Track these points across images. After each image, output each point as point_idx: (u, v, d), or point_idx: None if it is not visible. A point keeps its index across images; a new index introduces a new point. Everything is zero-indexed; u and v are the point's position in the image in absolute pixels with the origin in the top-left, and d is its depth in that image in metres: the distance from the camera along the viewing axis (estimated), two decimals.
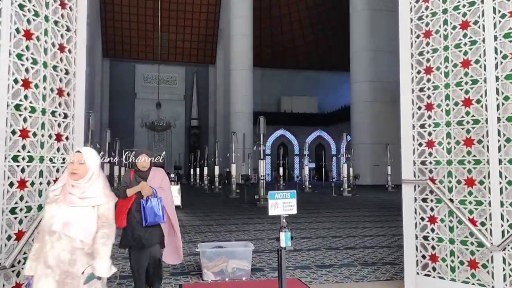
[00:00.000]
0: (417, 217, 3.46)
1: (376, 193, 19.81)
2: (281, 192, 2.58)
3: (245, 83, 38.23)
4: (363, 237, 6.46)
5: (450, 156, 3.27)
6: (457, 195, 3.23)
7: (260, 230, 7.28)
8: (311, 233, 6.81)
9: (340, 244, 5.83)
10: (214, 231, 7.12)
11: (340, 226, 7.69)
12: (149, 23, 45.08)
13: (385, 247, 5.60)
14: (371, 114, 32.63)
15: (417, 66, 3.52)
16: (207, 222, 8.34)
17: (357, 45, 33.72)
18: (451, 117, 3.29)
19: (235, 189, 17.10)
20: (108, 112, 46.01)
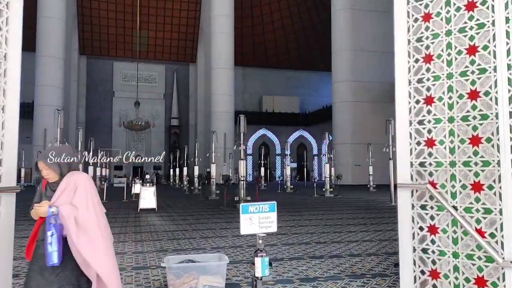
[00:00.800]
0: (414, 226, 3.02)
1: (358, 194, 19.56)
2: (256, 204, 2.08)
3: (226, 82, 37.65)
4: (348, 242, 6.03)
5: (454, 157, 2.84)
6: (462, 202, 2.81)
7: (239, 236, 6.78)
8: (293, 239, 6.35)
9: (324, 251, 5.38)
10: (189, 237, 6.59)
11: (324, 231, 7.26)
12: (128, 20, 44.04)
13: (373, 254, 5.18)
14: (352, 114, 32.52)
15: (415, 54, 3.07)
16: (182, 227, 7.80)
17: (338, 44, 33.56)
18: (455, 112, 2.86)
19: (215, 190, 16.59)
20: (84, 110, 44.80)
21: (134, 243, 5.99)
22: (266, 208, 2.05)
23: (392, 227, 7.75)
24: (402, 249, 3.08)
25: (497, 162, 2.65)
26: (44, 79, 33.28)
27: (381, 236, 6.61)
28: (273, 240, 6.24)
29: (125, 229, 7.57)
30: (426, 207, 2.97)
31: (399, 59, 3.16)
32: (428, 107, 2.99)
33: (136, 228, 7.66)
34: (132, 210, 11.38)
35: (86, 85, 45.28)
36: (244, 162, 12.31)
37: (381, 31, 33.40)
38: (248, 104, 47.23)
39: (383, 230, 7.34)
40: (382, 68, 33.23)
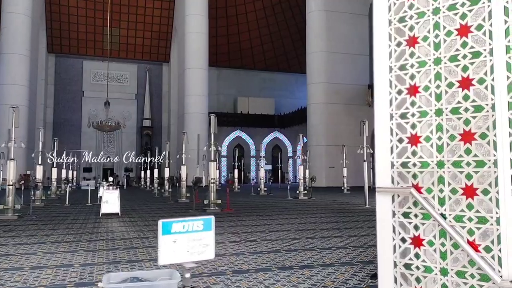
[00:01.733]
0: (396, 237, 2.58)
1: (332, 196, 19.30)
2: (185, 221, 1.53)
3: (200, 83, 37.01)
4: (321, 250, 5.59)
5: (442, 156, 2.42)
6: (452, 209, 2.38)
7: None
8: (262, 247, 5.86)
9: (295, 261, 4.91)
10: (148, 245, 6.01)
11: (296, 236, 6.81)
12: (99, 18, 42.76)
13: (347, 263, 4.75)
14: (327, 116, 32.43)
15: (397, 37, 2.64)
16: (143, 234, 7.20)
17: (313, 46, 33.43)
18: (443, 104, 2.44)
19: (185, 193, 15.98)
20: (52, 111, 43.21)
21: (84, 254, 5.37)
22: (199, 225, 1.47)
23: (366, 231, 7.38)
24: (382, 264, 2.63)
25: (494, 162, 2.24)
26: (8, 78, 31.81)
27: (356, 242, 6.21)
28: (240, 248, 5.74)
29: (79, 236, 6.92)
30: (409, 215, 2.53)
31: (379, 42, 2.73)
32: (412, 98, 2.56)
33: (92, 236, 7.01)
34: (94, 215, 10.67)
35: (54, 84, 43.70)
36: (215, 164, 11.77)
37: (355, 33, 33.51)
38: (222, 105, 46.65)
39: (357, 235, 6.95)
40: (356, 70, 33.34)
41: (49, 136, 42.25)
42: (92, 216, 10.37)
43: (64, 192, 23.62)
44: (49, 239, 6.58)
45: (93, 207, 13.14)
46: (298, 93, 49.04)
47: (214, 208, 11.54)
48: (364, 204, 13.28)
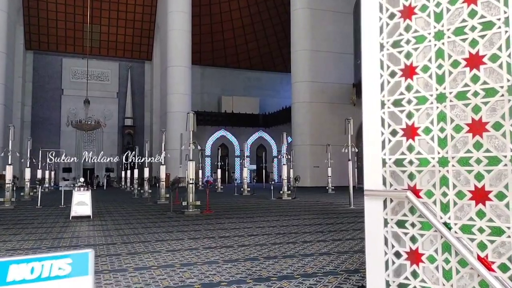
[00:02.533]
0: (388, 251, 2.12)
1: (316, 196, 18.93)
2: (34, 260, 0.88)
3: (183, 81, 36.30)
4: (302, 257, 5.13)
5: (445, 152, 1.96)
6: (457, 217, 1.93)
7: (175, 250, 5.74)
8: (238, 253, 5.37)
9: (273, 270, 4.43)
10: (113, 253, 5.46)
11: (276, 241, 6.33)
12: (79, 14, 41.65)
13: (331, 273, 4.30)
14: (311, 115, 32.09)
15: (389, 7, 2.18)
16: (111, 240, 6.64)
17: (297, 44, 33.05)
18: (447, 87, 1.98)
19: (165, 194, 15.38)
20: (30, 109, 41.94)
21: None
22: (64, 266, 0.83)
23: (351, 235, 6.95)
24: (371, 283, 2.17)
25: (511, 159, 1.79)
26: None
27: (340, 248, 5.77)
28: (214, 255, 5.23)
29: (40, 243, 6.32)
30: (405, 224, 2.07)
31: (367, 15, 2.26)
32: (408, 81, 2.10)
33: (55, 242, 6.41)
34: (64, 218, 10.03)
35: (32, 82, 42.40)
36: (193, 163, 11.23)
37: (339, 31, 33.26)
38: (206, 104, 45.99)
39: (342, 239, 6.52)
40: (341, 69, 33.09)
41: (27, 135, 41.06)
42: (61, 220, 9.73)
43: (42, 193, 22.80)
44: (5, 246, 5.98)
45: (66, 209, 12.40)
46: (283, 93, 48.68)
47: (193, 210, 10.99)
48: (349, 205, 12.90)
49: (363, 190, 2.20)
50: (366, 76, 2.23)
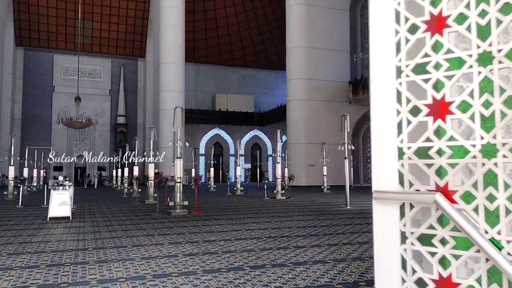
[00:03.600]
0: (407, 278, 1.51)
1: (311, 196, 18.37)
2: None
3: (176, 78, 35.59)
4: (294, 266, 4.52)
5: (492, 136, 1.35)
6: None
7: (150, 258, 5.12)
8: (222, 261, 4.75)
9: (259, 283, 3.83)
10: (81, 261, 4.83)
11: (266, 246, 5.72)
12: (70, 9, 40.82)
13: (325, 286, 3.68)
14: (307, 113, 31.51)
15: None
16: (84, 244, 6.00)
17: (292, 41, 32.42)
18: (493, 43, 1.37)
19: (153, 194, 14.73)
20: (21, 106, 41.08)
21: None
22: None
23: (349, 238, 6.35)
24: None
25: None
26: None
27: (337, 254, 5.16)
28: (194, 264, 4.61)
29: (3, 248, 5.67)
30: (431, 241, 1.46)
31: None
32: (436, 37, 1.48)
33: (19, 247, 5.76)
34: (42, 219, 9.38)
35: (22, 79, 41.53)
36: (181, 161, 10.59)
37: (336, 28, 32.70)
38: (200, 102, 45.32)
39: (338, 244, 5.91)
40: (337, 66, 32.54)
41: (17, 133, 40.22)
42: (37, 221, 9.08)
43: (25, 192, 22.07)
44: None
45: (48, 209, 11.77)
46: (278, 91, 48.11)
47: (181, 211, 10.37)
48: (345, 205, 12.32)
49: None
50: (375, 34, 1.61)
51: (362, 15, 33.80)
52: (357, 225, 8.03)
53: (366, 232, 7.01)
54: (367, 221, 8.62)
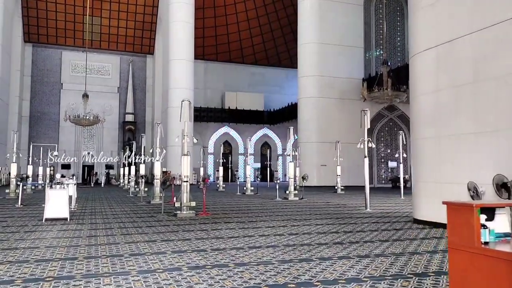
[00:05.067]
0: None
1: (325, 196, 17.51)
2: None
3: (185, 75, 34.86)
4: (324, 284, 3.68)
5: None
6: None
7: (149, 271, 4.32)
8: (233, 278, 3.94)
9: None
10: (67, 276, 4.04)
11: (285, 258, 4.89)
12: (78, 5, 40.29)
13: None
14: (318, 111, 30.56)
15: None
16: (75, 252, 5.22)
17: (304, 37, 31.47)
18: None
19: (159, 193, 13.97)
20: (29, 103, 40.70)
21: None
22: None
23: (380, 248, 5.49)
24: None
25: None
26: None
27: (371, 269, 4.31)
28: (201, 280, 3.80)
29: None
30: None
31: None
32: None
33: (1, 256, 5.00)
34: (37, 220, 8.67)
35: (31, 76, 41.14)
36: (188, 158, 9.81)
37: (349, 24, 31.70)
38: (209, 100, 44.57)
39: (369, 255, 5.07)
40: (350, 63, 31.54)
41: (25, 130, 39.88)
42: (32, 222, 8.36)
43: (30, 190, 21.50)
44: None
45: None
46: (288, 89, 47.21)
47: (187, 212, 9.59)
48: (364, 207, 11.43)
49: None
50: None
51: (377, 10, 32.79)
52: (385, 231, 7.16)
53: (398, 241, 6.15)
54: (393, 227, 7.75)
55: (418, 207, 8.28)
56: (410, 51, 8.71)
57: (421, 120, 8.08)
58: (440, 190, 7.50)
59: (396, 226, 7.88)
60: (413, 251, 5.29)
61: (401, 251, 5.32)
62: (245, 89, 46.47)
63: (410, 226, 7.89)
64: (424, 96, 8.04)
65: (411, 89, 8.70)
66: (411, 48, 8.62)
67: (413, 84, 8.57)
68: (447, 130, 7.40)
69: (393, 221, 8.72)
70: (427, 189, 7.86)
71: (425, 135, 7.93)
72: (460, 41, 7.21)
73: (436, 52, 7.70)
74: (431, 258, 4.88)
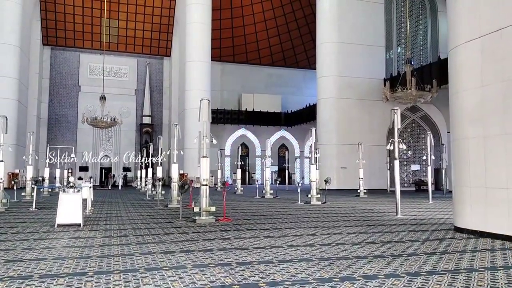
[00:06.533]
0: None
1: (347, 200, 16.78)
2: None
3: (202, 76, 34.52)
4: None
5: None
6: None
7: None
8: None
9: None
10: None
11: (323, 275, 4.24)
12: (96, 8, 40.41)
13: None
14: (338, 112, 29.79)
15: None
16: (84, 265, 4.67)
17: (323, 36, 30.73)
18: None
19: (177, 196, 13.47)
20: (47, 106, 40.93)
21: None
22: None
23: (430, 264, 4.78)
24: None
25: None
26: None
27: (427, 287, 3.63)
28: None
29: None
30: None
31: None
32: None
33: (2, 270, 4.48)
34: (49, 226, 8.21)
35: (49, 78, 41.38)
36: (207, 160, 9.24)
37: (369, 22, 30.86)
38: (226, 102, 44.14)
39: (420, 272, 4.38)
40: (371, 63, 30.68)
41: (43, 133, 40.07)
42: (43, 229, 7.90)
43: (49, 193, 21.31)
44: None
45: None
46: (306, 90, 46.50)
47: (207, 217, 9.02)
48: (395, 213, 10.69)
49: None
50: None
51: (398, 8, 31.85)
52: (426, 242, 6.44)
53: (446, 253, 5.44)
54: (434, 236, 7.02)
55: (460, 214, 7.53)
56: (449, 44, 7.98)
57: (464, 118, 7.34)
58: (487, 196, 6.75)
59: (437, 235, 7.15)
60: (469, 267, 4.59)
61: (455, 267, 4.62)
62: (262, 91, 45.90)
63: (452, 235, 7.15)
64: (466, 92, 7.30)
65: (450, 85, 7.96)
66: (451, 40, 7.89)
67: (453, 79, 7.83)
68: (495, 129, 6.65)
69: (431, 229, 7.98)
70: (471, 195, 7.10)
71: (468, 134, 7.19)
72: (509, 30, 6.47)
73: (481, 43, 6.97)
74: (493, 276, 4.17)
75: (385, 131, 30.51)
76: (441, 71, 25.30)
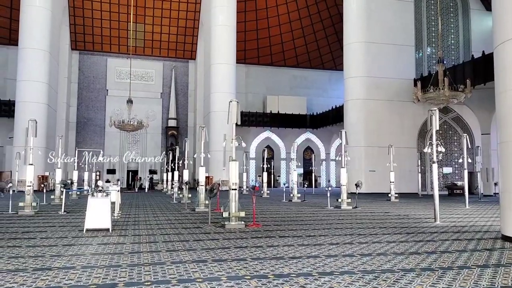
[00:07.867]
0: None
1: (379, 205, 16.20)
2: None
3: (227, 79, 34.43)
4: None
5: None
6: None
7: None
8: None
9: None
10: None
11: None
12: (123, 13, 40.98)
13: None
14: (366, 113, 29.08)
15: None
16: (116, 275, 4.45)
17: (351, 36, 30.08)
18: None
19: (204, 200, 13.27)
20: (75, 109, 41.72)
21: None
22: None
23: (487, 279, 4.34)
24: None
25: None
26: (25, 74, 30.19)
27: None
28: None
29: (12, 277, 4.23)
30: None
31: None
32: None
33: (31, 278, 4.31)
34: (78, 231, 8.11)
35: (77, 82, 42.20)
36: (236, 164, 8.97)
37: (398, 21, 30.06)
38: (251, 104, 43.96)
39: (481, 286, 3.96)
40: (400, 63, 29.88)
41: (72, 136, 40.87)
42: (72, 233, 7.79)
43: (78, 196, 21.53)
44: None
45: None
46: (331, 91, 45.87)
47: (236, 223, 8.74)
48: (433, 219, 10.14)
49: None
50: None
51: (428, 6, 30.92)
52: (475, 252, 5.96)
53: (500, 266, 4.97)
54: (482, 246, 6.52)
55: (508, 222, 6.99)
56: (495, 40, 7.45)
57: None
58: None
59: (485, 245, 6.64)
60: None
61: None
62: (287, 93, 45.51)
63: (501, 244, 6.63)
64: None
65: (496, 84, 7.43)
66: (497, 36, 7.37)
67: (499, 78, 7.31)
68: None
69: (476, 237, 7.46)
70: None
71: None
72: None
73: None
74: None
75: (415, 133, 29.65)
76: (475, 70, 24.34)
